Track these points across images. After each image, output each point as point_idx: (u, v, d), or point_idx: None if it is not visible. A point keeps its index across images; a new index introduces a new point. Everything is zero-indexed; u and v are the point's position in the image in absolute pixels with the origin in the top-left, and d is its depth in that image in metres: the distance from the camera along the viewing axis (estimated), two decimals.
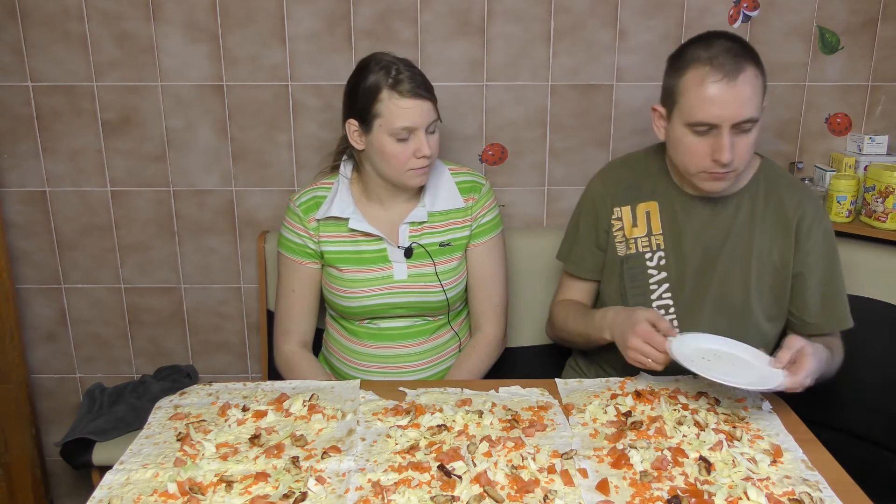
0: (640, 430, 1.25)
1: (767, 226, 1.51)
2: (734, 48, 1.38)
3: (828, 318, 1.52)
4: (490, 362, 1.72)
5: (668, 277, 1.56)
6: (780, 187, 1.53)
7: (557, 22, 1.91)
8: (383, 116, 1.51)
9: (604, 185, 1.63)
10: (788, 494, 1.08)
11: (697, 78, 1.38)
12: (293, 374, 1.64)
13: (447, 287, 1.65)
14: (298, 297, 1.68)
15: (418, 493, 1.08)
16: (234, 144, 1.99)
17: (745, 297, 1.52)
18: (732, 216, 1.52)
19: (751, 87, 1.37)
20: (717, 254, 1.53)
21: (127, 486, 1.12)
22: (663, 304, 1.56)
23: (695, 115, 1.38)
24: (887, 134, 1.95)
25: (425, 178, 1.59)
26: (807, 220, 1.50)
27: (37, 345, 2.15)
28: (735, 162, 1.40)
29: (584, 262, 1.66)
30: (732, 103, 1.36)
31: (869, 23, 1.91)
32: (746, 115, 1.36)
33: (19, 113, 1.95)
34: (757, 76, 1.38)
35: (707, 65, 1.37)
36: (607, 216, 1.61)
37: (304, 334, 1.71)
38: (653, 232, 1.57)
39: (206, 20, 1.89)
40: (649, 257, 1.57)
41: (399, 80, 1.50)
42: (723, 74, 1.35)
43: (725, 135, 1.37)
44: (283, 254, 1.68)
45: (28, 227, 2.04)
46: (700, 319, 1.54)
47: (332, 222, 1.64)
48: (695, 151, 1.41)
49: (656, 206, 1.57)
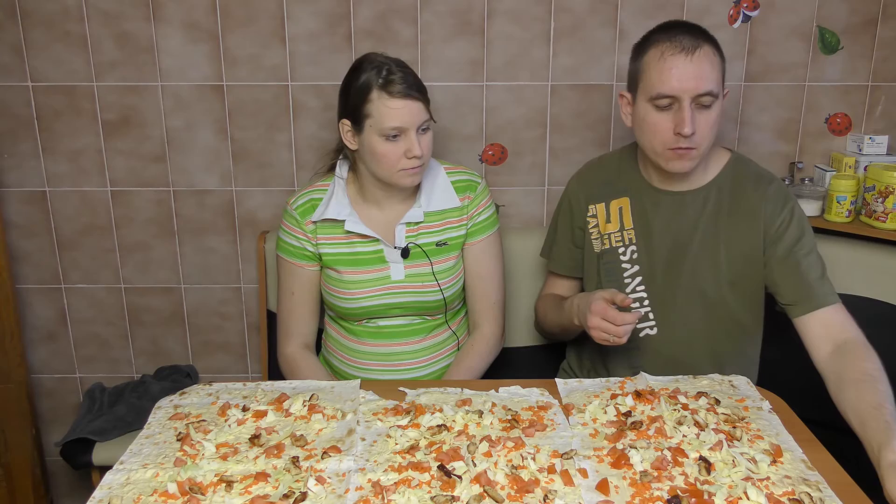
0: (640, 430, 1.24)
1: (735, 217, 1.54)
2: (693, 30, 1.45)
3: (809, 295, 1.47)
4: (489, 360, 1.72)
5: (640, 270, 1.60)
6: (748, 179, 1.56)
7: (557, 22, 1.91)
8: (373, 116, 1.51)
9: (579, 184, 1.70)
10: (788, 494, 1.08)
11: (657, 54, 1.45)
12: (295, 376, 1.64)
13: (444, 286, 1.65)
14: (298, 299, 1.69)
15: (418, 493, 1.08)
16: (234, 144, 1.99)
17: (717, 288, 1.55)
18: (700, 208, 1.56)
19: (709, 63, 1.43)
20: (685, 246, 1.56)
21: (127, 486, 1.12)
22: (638, 296, 1.60)
23: (655, 89, 1.44)
24: (887, 134, 1.95)
25: (418, 178, 1.59)
26: (769, 206, 1.52)
27: (37, 345, 2.15)
28: (697, 137, 1.44)
29: (562, 260, 1.72)
30: (691, 76, 1.41)
31: (869, 23, 1.91)
32: (705, 87, 1.42)
33: (19, 113, 1.95)
34: (715, 55, 1.45)
35: (666, 42, 1.44)
36: (582, 214, 1.67)
37: (305, 336, 1.71)
38: (625, 227, 1.61)
39: (206, 20, 1.89)
40: (622, 251, 1.61)
41: (389, 81, 1.50)
42: (681, 48, 1.42)
43: (686, 108, 1.42)
44: (282, 257, 1.69)
45: (28, 227, 2.04)
46: (674, 311, 1.58)
47: (328, 224, 1.64)
48: (658, 127, 1.46)
49: (628, 202, 1.62)
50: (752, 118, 1.99)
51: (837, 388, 1.34)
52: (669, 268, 1.58)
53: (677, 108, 1.43)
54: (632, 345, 1.59)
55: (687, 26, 1.46)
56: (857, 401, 1.27)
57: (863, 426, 1.22)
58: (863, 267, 1.74)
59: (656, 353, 1.60)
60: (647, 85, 1.46)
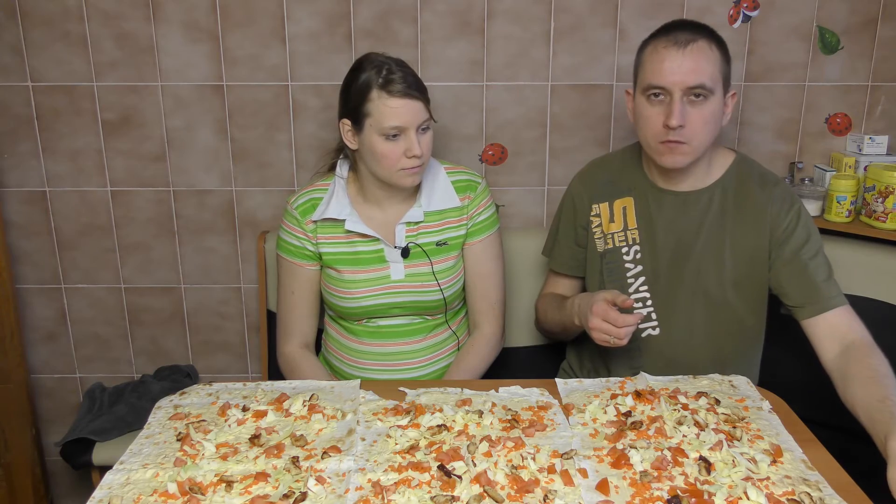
0: (640, 430, 1.24)
1: (740, 218, 1.54)
2: (694, 27, 1.46)
3: (817, 298, 1.47)
4: (489, 360, 1.72)
5: (643, 271, 1.59)
6: (752, 180, 1.56)
7: (557, 22, 1.91)
8: (373, 116, 1.51)
9: (582, 183, 1.69)
10: (788, 494, 1.08)
11: (650, 49, 1.48)
12: (295, 375, 1.64)
13: (444, 286, 1.65)
14: (298, 298, 1.69)
15: (418, 493, 1.08)
16: (234, 144, 1.99)
17: (720, 289, 1.55)
18: (705, 209, 1.55)
19: (702, 56, 1.43)
20: (690, 246, 1.56)
21: (127, 486, 1.12)
22: (640, 296, 1.60)
23: (647, 80, 1.46)
24: (887, 134, 1.95)
25: (417, 177, 1.59)
26: (775, 207, 1.52)
27: (37, 345, 2.15)
28: (687, 131, 1.44)
29: (564, 259, 1.72)
30: (680, 68, 1.42)
31: (869, 23, 1.91)
32: (695, 80, 1.42)
33: (19, 113, 1.95)
34: (713, 50, 1.45)
35: (662, 37, 1.46)
36: (585, 214, 1.66)
37: (305, 335, 1.71)
38: (628, 227, 1.61)
39: (206, 20, 1.89)
40: (625, 251, 1.61)
41: (389, 80, 1.50)
42: (674, 42, 1.44)
43: (677, 100, 1.43)
44: (283, 256, 1.69)
45: (28, 227, 2.04)
46: (676, 311, 1.58)
47: (329, 224, 1.64)
48: (650, 120, 1.48)
49: (632, 202, 1.62)
50: (752, 118, 1.99)
51: (844, 385, 1.34)
52: (673, 268, 1.57)
53: (668, 101, 1.44)
54: (633, 345, 1.59)
55: (690, 24, 1.48)
56: (863, 396, 1.28)
57: (871, 420, 1.22)
58: (863, 267, 1.74)
59: (658, 354, 1.59)
60: (642, 78, 1.49)
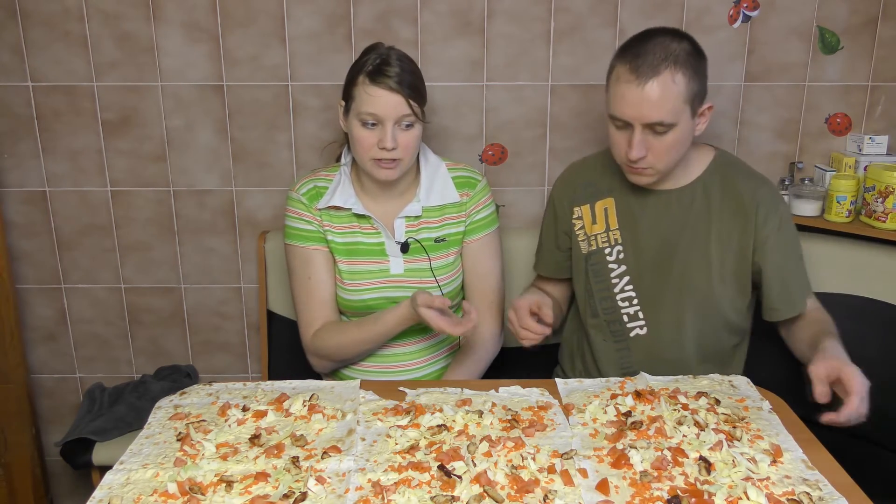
0: (640, 430, 1.25)
1: (726, 214, 1.54)
2: (662, 53, 1.39)
3: (787, 303, 1.55)
4: (488, 360, 1.72)
5: (627, 270, 1.60)
6: (737, 176, 1.56)
7: (557, 22, 1.91)
8: (355, 100, 1.55)
9: (563, 187, 1.70)
10: (788, 494, 1.08)
11: (615, 75, 1.44)
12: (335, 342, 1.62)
13: (442, 283, 1.65)
14: (316, 283, 1.65)
15: (418, 493, 1.08)
16: (234, 144, 1.99)
17: (707, 286, 1.56)
18: (688, 206, 1.56)
19: (663, 92, 1.39)
20: (674, 244, 1.56)
21: (127, 486, 1.12)
22: (626, 296, 1.60)
23: (610, 109, 1.46)
24: (887, 134, 1.95)
25: (393, 174, 1.57)
26: (763, 208, 1.52)
27: (37, 345, 2.15)
28: (650, 159, 1.46)
29: (546, 262, 1.75)
30: (638, 105, 1.40)
31: (869, 23, 1.91)
32: (654, 117, 1.40)
33: (19, 113, 1.95)
34: (675, 81, 1.39)
35: (627, 64, 1.41)
36: (567, 218, 1.67)
37: (329, 319, 1.66)
38: (610, 227, 1.62)
39: (206, 20, 1.89)
40: (608, 252, 1.61)
41: (378, 70, 1.52)
42: (635, 76, 1.39)
43: (636, 133, 1.43)
44: (294, 245, 1.66)
45: (28, 227, 2.04)
46: (663, 309, 1.58)
47: (333, 212, 1.64)
48: (615, 143, 1.49)
49: (613, 203, 1.62)
50: (752, 118, 1.99)
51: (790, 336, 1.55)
52: (658, 267, 1.58)
53: (630, 131, 1.44)
54: (622, 345, 1.60)
55: (656, 46, 1.40)
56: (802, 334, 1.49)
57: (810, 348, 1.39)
58: (863, 267, 1.74)
59: (647, 353, 1.60)
60: (607, 101, 1.48)
